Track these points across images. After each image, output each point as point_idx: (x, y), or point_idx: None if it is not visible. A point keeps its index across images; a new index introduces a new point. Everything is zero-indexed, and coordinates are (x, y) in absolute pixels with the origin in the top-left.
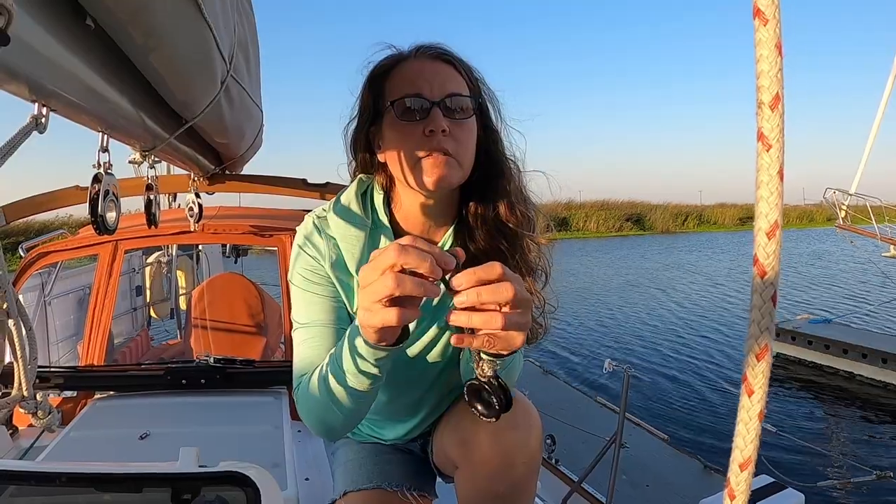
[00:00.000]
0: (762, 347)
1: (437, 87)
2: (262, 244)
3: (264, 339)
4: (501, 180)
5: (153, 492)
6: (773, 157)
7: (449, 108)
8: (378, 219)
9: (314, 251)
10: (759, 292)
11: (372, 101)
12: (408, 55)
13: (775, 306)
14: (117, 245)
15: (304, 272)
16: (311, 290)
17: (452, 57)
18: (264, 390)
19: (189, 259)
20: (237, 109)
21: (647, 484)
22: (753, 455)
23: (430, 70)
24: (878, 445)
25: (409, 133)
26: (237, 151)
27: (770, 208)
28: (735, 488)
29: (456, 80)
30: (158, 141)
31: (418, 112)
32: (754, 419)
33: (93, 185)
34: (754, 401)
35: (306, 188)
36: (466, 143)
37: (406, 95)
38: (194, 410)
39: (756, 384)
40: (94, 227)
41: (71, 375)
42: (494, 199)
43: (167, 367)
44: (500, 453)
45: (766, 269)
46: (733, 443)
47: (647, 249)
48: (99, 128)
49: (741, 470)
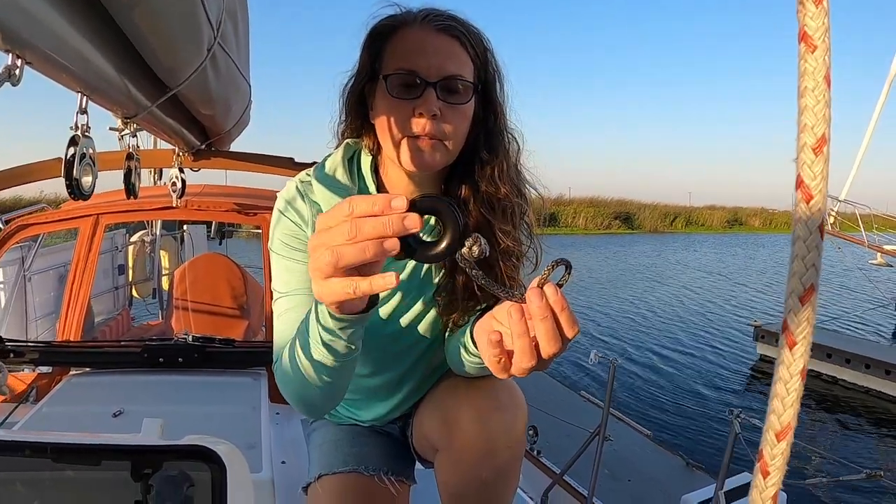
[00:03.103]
0: (807, 288)
1: (435, 66)
2: (246, 222)
3: (246, 321)
4: (496, 155)
5: (112, 464)
6: (819, 60)
7: (445, 90)
8: (364, 185)
9: (296, 216)
10: (804, 221)
11: (370, 61)
12: (413, 19)
13: (822, 238)
14: (98, 219)
15: (285, 237)
16: (292, 256)
17: (460, 29)
18: (243, 370)
19: (173, 240)
20: (224, 80)
21: (629, 479)
22: (793, 421)
23: (432, 45)
24: (862, 447)
25: (400, 109)
26: (223, 126)
27: (817, 120)
28: (770, 462)
29: (459, 59)
30: (141, 108)
31: (412, 89)
32: (795, 377)
33: (68, 148)
34: (796, 354)
35: (294, 167)
36: (459, 126)
37: (401, 70)
38: (171, 389)
39: (799, 333)
40: (68, 191)
41: (45, 351)
42: (487, 174)
43: (145, 344)
44: (483, 435)
45: (812, 193)
46: (769, 406)
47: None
48: (77, 88)
49: (778, 440)
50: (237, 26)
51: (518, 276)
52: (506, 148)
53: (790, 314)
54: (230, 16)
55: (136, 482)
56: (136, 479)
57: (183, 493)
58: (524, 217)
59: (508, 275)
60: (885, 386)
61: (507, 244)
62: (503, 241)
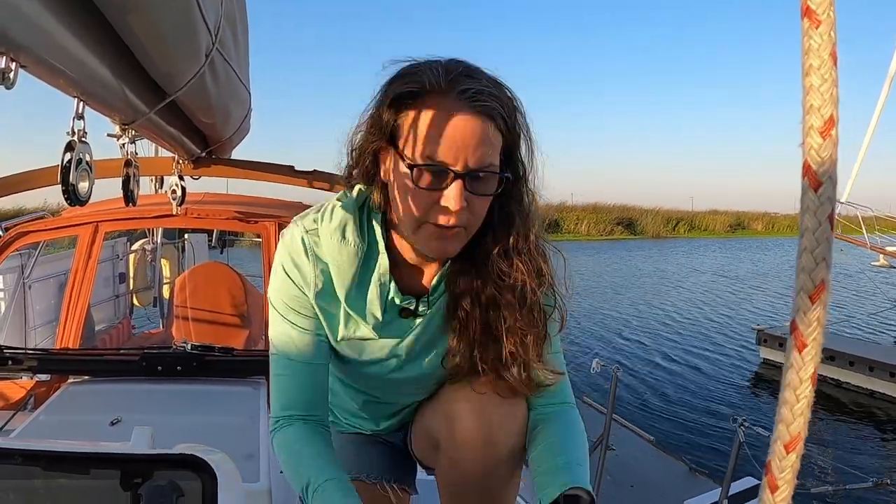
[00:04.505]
0: (817, 284)
1: (466, 157)
2: (247, 230)
3: (247, 330)
4: (511, 232)
5: (101, 473)
6: (824, 36)
7: (474, 181)
8: (375, 242)
9: (299, 278)
10: (812, 212)
11: (389, 124)
12: (443, 89)
13: (833, 230)
14: (97, 226)
15: (286, 298)
16: (292, 319)
17: (497, 107)
18: (243, 380)
19: (174, 248)
20: (223, 87)
21: (632, 485)
22: (803, 431)
23: (463, 132)
24: (867, 453)
25: (422, 197)
26: (223, 134)
27: (823, 100)
28: (778, 476)
29: (492, 145)
30: (139, 114)
31: (438, 179)
32: (806, 382)
33: (65, 153)
34: (806, 357)
35: (294, 175)
36: (481, 212)
37: (429, 162)
38: (169, 398)
39: (809, 335)
40: (64, 196)
41: (44, 358)
42: (501, 248)
43: (143, 352)
44: (484, 427)
45: (820, 179)
46: (776, 415)
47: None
48: (74, 93)
49: (787, 452)
50: (236, 34)
51: (536, 351)
52: (525, 214)
53: (799, 313)
54: (229, 23)
55: (126, 491)
56: (126, 488)
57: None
58: (542, 289)
59: (512, 350)
60: (890, 388)
61: (517, 325)
62: (508, 321)
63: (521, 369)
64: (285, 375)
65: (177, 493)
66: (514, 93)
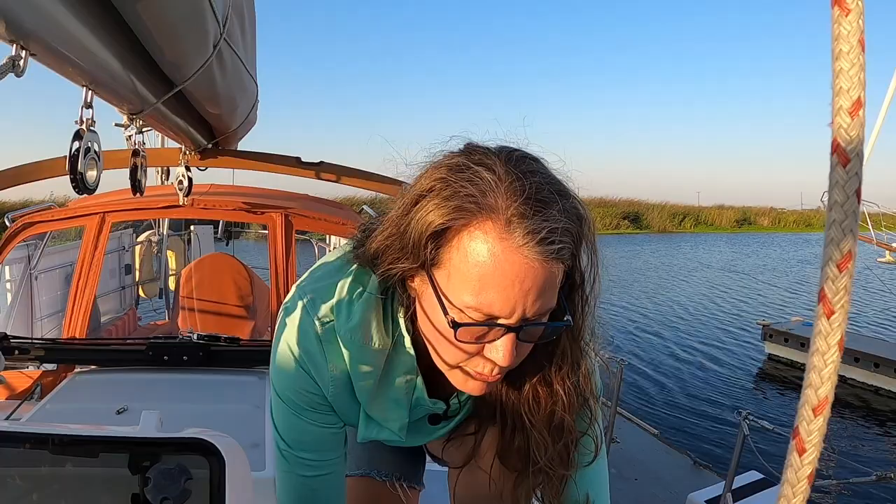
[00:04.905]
0: (844, 255)
1: (524, 308)
2: (253, 221)
3: (253, 321)
4: (558, 353)
5: (110, 456)
6: (854, 24)
7: (528, 330)
8: (400, 336)
9: (311, 384)
10: (840, 186)
11: (429, 254)
12: (508, 227)
13: (860, 203)
14: (104, 217)
15: (296, 394)
16: (304, 416)
17: (570, 244)
18: (248, 370)
19: (180, 240)
20: (230, 77)
21: (636, 478)
22: (830, 394)
23: (523, 281)
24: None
25: (461, 347)
26: (230, 125)
27: (852, 83)
28: (806, 439)
29: (553, 288)
30: (146, 104)
31: (483, 333)
32: (833, 347)
33: (73, 142)
34: (834, 324)
35: (300, 166)
36: (528, 351)
37: (476, 316)
38: (175, 387)
39: (837, 302)
40: (73, 185)
41: (50, 348)
42: (542, 378)
43: (149, 342)
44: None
45: (848, 156)
46: (805, 380)
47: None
48: (83, 82)
49: (815, 415)
50: (244, 25)
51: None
52: (576, 350)
53: (827, 282)
54: (237, 14)
55: (134, 475)
56: (134, 471)
57: (181, 487)
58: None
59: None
60: (895, 385)
61: (543, 462)
62: (537, 455)
63: None
64: (296, 476)
65: (185, 475)
66: (580, 206)
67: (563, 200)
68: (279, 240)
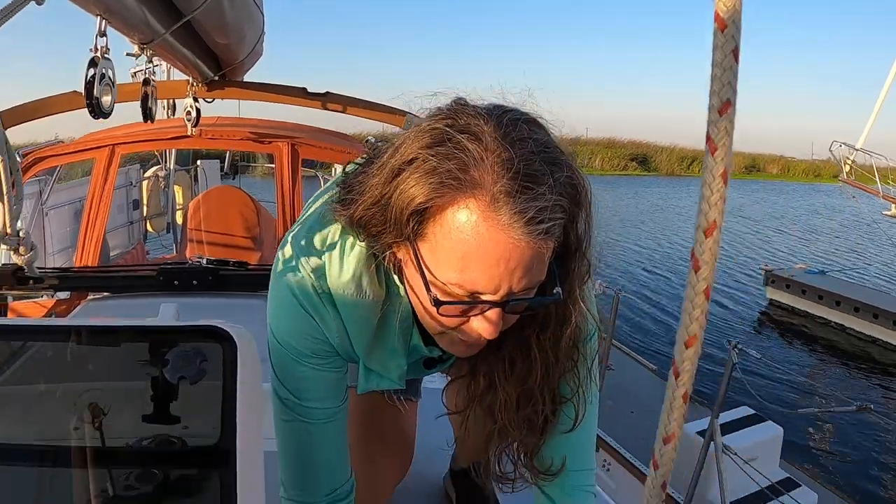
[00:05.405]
0: (724, 102)
1: (510, 285)
2: (260, 150)
3: (260, 251)
4: (554, 317)
5: (131, 346)
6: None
7: (514, 305)
8: (393, 287)
9: (314, 327)
10: (720, 47)
11: (413, 230)
12: (496, 202)
13: (738, 61)
14: (113, 149)
15: (298, 342)
16: (306, 362)
17: (561, 218)
18: (256, 293)
19: (187, 175)
20: (238, 8)
21: (632, 410)
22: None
23: (508, 259)
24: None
25: (445, 319)
26: (237, 56)
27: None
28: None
29: (542, 263)
30: (156, 34)
31: (467, 309)
32: (718, 178)
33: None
34: (717, 158)
35: (307, 97)
36: (513, 322)
37: (460, 293)
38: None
39: (719, 140)
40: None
41: (64, 276)
42: (516, 337)
43: (160, 267)
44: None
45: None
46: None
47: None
48: (97, 11)
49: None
50: None
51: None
52: (569, 311)
53: (711, 126)
54: None
55: (154, 360)
56: (154, 357)
57: (197, 367)
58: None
59: None
60: (893, 336)
61: (544, 392)
62: (539, 389)
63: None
64: (302, 426)
65: (200, 357)
66: (576, 174)
67: (555, 172)
68: (285, 169)
